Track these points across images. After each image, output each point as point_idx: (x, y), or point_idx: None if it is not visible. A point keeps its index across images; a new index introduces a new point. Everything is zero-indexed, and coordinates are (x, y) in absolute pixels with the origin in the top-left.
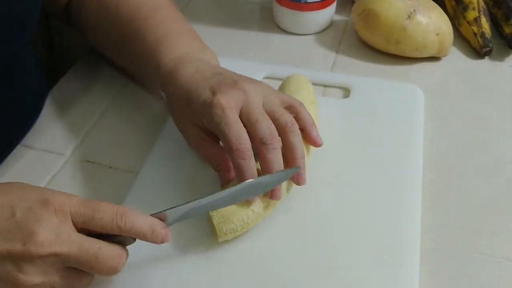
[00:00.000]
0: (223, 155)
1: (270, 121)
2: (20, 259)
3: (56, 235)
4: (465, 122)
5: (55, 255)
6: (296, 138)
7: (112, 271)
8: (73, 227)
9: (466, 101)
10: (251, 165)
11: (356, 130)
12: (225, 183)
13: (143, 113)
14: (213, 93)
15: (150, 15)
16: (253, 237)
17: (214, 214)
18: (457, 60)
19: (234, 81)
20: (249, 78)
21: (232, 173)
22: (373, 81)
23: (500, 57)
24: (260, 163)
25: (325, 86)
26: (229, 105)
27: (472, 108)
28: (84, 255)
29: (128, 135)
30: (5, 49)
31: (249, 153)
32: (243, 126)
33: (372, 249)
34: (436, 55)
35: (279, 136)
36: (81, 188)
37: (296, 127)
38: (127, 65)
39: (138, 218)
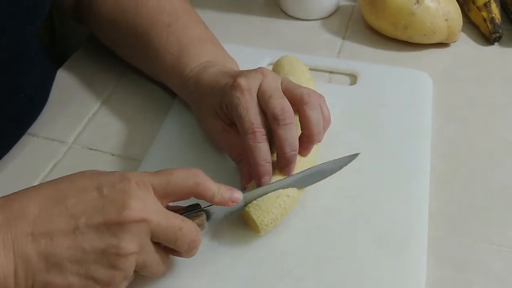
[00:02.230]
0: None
1: (285, 98)
2: (116, 228)
3: (145, 204)
4: (474, 109)
5: (147, 222)
6: (311, 111)
7: (192, 245)
8: (156, 200)
9: (475, 87)
10: (265, 148)
11: (363, 118)
12: (245, 175)
13: (146, 100)
14: (234, 78)
15: (171, 22)
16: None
17: (251, 210)
18: (466, 46)
19: (255, 69)
20: None
21: None
22: (380, 67)
23: (510, 43)
24: (272, 141)
25: (331, 72)
26: (248, 88)
27: (481, 95)
28: (170, 225)
29: (130, 123)
30: (13, 39)
31: (263, 137)
32: (260, 111)
33: (379, 237)
34: (444, 41)
35: (296, 111)
36: None
37: (313, 99)
38: (144, 69)
39: (207, 177)
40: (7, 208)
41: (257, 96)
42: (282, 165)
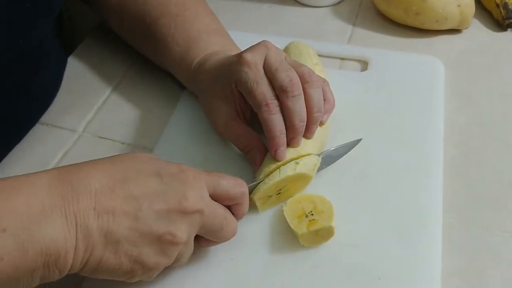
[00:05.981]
0: (252, 134)
1: (292, 69)
2: (176, 216)
3: (200, 197)
4: (486, 95)
5: (201, 213)
6: (313, 89)
7: (233, 234)
8: (208, 193)
9: (488, 74)
10: (280, 120)
11: (374, 104)
12: (256, 164)
13: (156, 88)
14: (238, 55)
15: (179, 13)
16: (267, 214)
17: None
18: (478, 32)
19: (258, 43)
20: None
21: (262, 152)
22: (391, 54)
23: None
24: (282, 113)
25: (342, 59)
26: (254, 61)
27: (494, 81)
28: (218, 217)
29: (140, 111)
30: (34, 36)
31: (277, 108)
32: (269, 83)
33: (393, 226)
34: (457, 27)
35: None
36: None
37: (314, 78)
38: (152, 58)
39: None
40: (66, 182)
41: (264, 69)
42: (291, 136)
